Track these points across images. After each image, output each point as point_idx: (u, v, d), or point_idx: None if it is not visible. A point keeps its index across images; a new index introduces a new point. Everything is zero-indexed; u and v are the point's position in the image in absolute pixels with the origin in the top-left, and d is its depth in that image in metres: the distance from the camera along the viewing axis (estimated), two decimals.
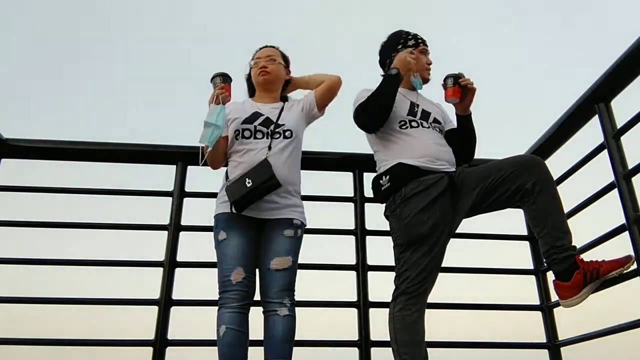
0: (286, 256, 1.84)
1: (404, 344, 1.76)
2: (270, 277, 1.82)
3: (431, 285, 1.85)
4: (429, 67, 2.13)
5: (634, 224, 1.73)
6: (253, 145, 1.94)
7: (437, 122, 2.06)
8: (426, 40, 2.17)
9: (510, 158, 1.86)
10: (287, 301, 1.81)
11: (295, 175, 1.98)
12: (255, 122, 1.98)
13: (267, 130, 1.96)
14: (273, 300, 1.80)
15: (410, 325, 1.77)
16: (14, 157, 2.31)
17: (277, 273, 1.82)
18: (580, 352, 2.10)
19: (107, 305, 2.15)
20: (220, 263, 1.85)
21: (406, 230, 1.85)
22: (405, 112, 2.03)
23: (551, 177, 1.80)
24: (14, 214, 2.23)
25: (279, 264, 1.83)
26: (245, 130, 1.97)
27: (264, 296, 1.83)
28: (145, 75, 8.11)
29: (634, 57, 1.80)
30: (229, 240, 1.85)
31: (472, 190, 1.85)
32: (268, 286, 1.82)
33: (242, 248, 1.84)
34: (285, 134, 1.97)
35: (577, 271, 1.67)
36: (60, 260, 2.17)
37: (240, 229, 1.86)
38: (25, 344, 2.06)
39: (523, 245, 2.45)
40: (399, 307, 1.80)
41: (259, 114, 2.02)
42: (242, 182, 1.83)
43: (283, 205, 1.89)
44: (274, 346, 1.77)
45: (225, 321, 1.76)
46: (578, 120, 2.15)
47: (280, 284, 1.82)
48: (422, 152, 1.92)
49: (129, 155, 2.36)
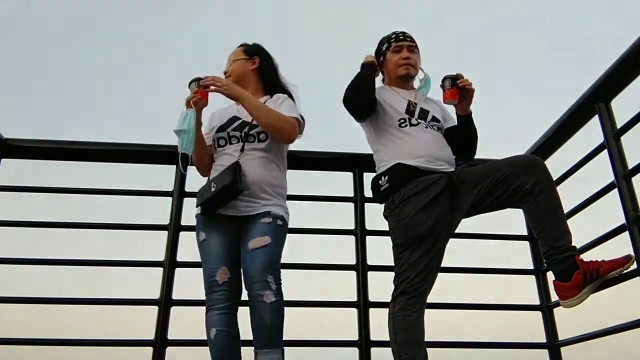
0: (263, 236, 1.77)
1: (403, 344, 1.76)
2: (250, 258, 1.75)
3: (431, 285, 1.84)
4: (405, 61, 2.09)
5: (634, 224, 1.73)
6: (228, 149, 1.94)
7: (435, 121, 2.05)
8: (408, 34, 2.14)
9: (509, 158, 1.86)
10: (271, 280, 1.72)
11: (273, 176, 1.92)
12: (229, 129, 1.96)
13: (241, 133, 1.94)
14: (256, 280, 1.71)
15: (411, 326, 1.76)
16: (14, 157, 2.31)
17: (256, 251, 1.74)
18: (580, 352, 2.10)
19: (107, 305, 2.15)
20: (204, 264, 1.84)
21: (405, 231, 1.85)
22: (403, 111, 2.02)
23: (551, 177, 1.80)
24: (14, 214, 2.23)
25: (256, 243, 1.76)
26: (220, 139, 1.97)
27: (247, 277, 1.75)
28: (146, 75, 8.11)
29: (633, 57, 1.80)
30: (208, 240, 1.85)
31: (471, 190, 1.85)
32: (249, 266, 1.74)
33: (224, 247, 1.83)
34: (260, 136, 1.93)
35: (576, 271, 1.67)
36: (60, 260, 2.17)
37: (219, 229, 1.85)
38: (25, 344, 2.06)
39: (523, 245, 2.45)
40: (398, 307, 1.80)
41: (236, 118, 1.99)
42: (208, 186, 1.85)
43: (262, 204, 1.85)
44: (264, 336, 1.71)
45: (215, 323, 1.75)
46: (578, 120, 2.15)
47: (260, 260, 1.73)
48: (421, 152, 1.92)
49: (129, 155, 2.36)
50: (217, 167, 1.92)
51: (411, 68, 2.09)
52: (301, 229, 2.26)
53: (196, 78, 1.90)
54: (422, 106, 2.07)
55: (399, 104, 2.04)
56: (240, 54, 2.10)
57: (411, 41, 2.13)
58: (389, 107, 2.03)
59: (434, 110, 2.09)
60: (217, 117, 2.06)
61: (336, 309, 2.26)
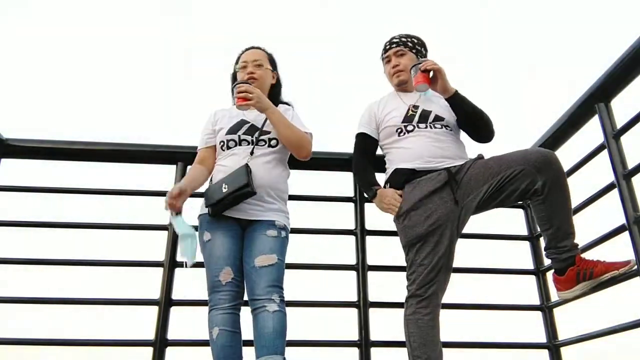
0: (270, 254, 1.80)
1: (417, 347, 1.75)
2: (256, 275, 1.76)
3: (442, 286, 1.82)
4: (394, 70, 2.13)
5: (634, 224, 1.73)
6: (237, 150, 1.94)
7: (439, 120, 2.02)
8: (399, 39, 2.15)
9: (520, 153, 1.82)
10: (275, 297, 1.73)
11: (279, 181, 1.95)
12: (240, 132, 1.97)
13: (252, 138, 1.95)
14: (261, 297, 1.73)
15: (422, 329, 1.75)
16: (14, 157, 2.31)
17: (263, 269, 1.76)
18: (580, 352, 2.10)
19: (107, 305, 2.15)
20: (208, 264, 1.85)
21: (405, 232, 1.86)
22: (401, 120, 2.04)
23: (562, 174, 1.76)
24: (14, 214, 2.23)
25: (263, 261, 1.77)
26: (230, 141, 1.97)
27: (251, 294, 1.76)
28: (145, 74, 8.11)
29: (634, 57, 1.80)
30: (214, 241, 1.85)
31: (480, 186, 1.82)
32: (254, 284, 1.75)
33: (228, 247, 1.83)
34: (271, 142, 1.96)
35: (570, 268, 1.73)
36: (61, 260, 2.17)
37: (224, 229, 1.86)
38: (25, 344, 2.06)
39: (523, 245, 2.45)
40: (410, 310, 1.80)
41: (244, 121, 2.01)
42: (219, 187, 1.84)
43: (266, 208, 1.87)
44: (266, 342, 1.68)
45: (217, 323, 1.75)
46: (578, 121, 2.15)
47: (266, 279, 1.75)
48: (416, 155, 1.93)
49: (129, 155, 2.36)
50: (223, 168, 1.92)
51: (402, 73, 2.12)
52: (301, 229, 2.26)
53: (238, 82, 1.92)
54: (425, 107, 2.06)
55: (399, 112, 2.06)
56: (267, 63, 2.12)
57: (397, 45, 2.14)
58: (387, 123, 2.06)
59: (438, 108, 2.06)
60: (224, 117, 2.06)
61: (336, 309, 2.26)
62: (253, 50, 2.13)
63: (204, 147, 2.06)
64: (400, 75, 2.12)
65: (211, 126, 2.07)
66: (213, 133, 2.05)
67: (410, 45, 2.15)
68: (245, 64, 2.08)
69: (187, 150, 2.27)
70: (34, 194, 2.32)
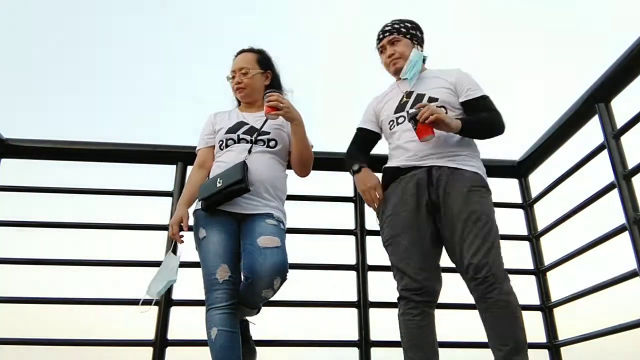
0: (273, 236, 1.75)
1: (408, 348, 1.74)
2: (261, 255, 1.70)
3: (431, 286, 1.76)
4: (390, 59, 2.03)
5: (634, 224, 1.73)
6: (235, 148, 1.94)
7: (432, 102, 1.88)
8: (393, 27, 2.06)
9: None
10: (277, 284, 1.73)
11: (278, 179, 1.95)
12: (239, 131, 1.97)
13: (251, 137, 1.95)
14: (264, 281, 1.69)
15: (412, 330, 1.73)
16: (14, 157, 2.31)
17: (267, 250, 1.71)
18: (580, 352, 2.10)
19: (107, 305, 2.15)
20: (204, 261, 1.81)
21: (383, 232, 1.86)
22: (393, 111, 1.97)
23: None
24: (14, 214, 2.23)
25: (267, 241, 1.73)
26: (229, 140, 1.97)
27: (254, 275, 1.70)
28: (145, 74, 8.11)
29: (634, 57, 1.80)
30: (209, 237, 1.82)
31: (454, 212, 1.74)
32: (260, 265, 1.69)
33: (224, 244, 1.80)
34: (270, 143, 1.95)
35: None
36: (61, 260, 2.17)
37: (220, 225, 1.83)
38: (25, 344, 2.06)
39: (523, 245, 2.45)
40: (400, 311, 1.79)
41: (243, 123, 2.00)
42: (213, 181, 1.83)
43: (263, 204, 1.86)
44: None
45: (216, 323, 1.72)
46: (578, 120, 2.15)
47: (274, 261, 1.70)
48: (403, 149, 1.88)
49: (129, 155, 2.36)
50: (220, 164, 1.92)
51: (398, 61, 2.01)
52: (301, 229, 2.26)
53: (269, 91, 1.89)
54: (419, 90, 1.97)
55: (392, 103, 2.00)
56: (255, 65, 2.07)
57: (390, 33, 2.04)
58: (383, 116, 2.02)
59: (435, 89, 1.94)
60: (223, 119, 2.06)
61: (336, 309, 2.26)
62: (241, 56, 2.10)
63: (205, 147, 2.05)
64: (397, 63, 2.02)
65: (211, 127, 2.07)
66: (213, 133, 2.05)
67: (404, 30, 2.05)
68: (234, 73, 2.08)
69: (187, 150, 2.26)
70: (34, 194, 2.32)
